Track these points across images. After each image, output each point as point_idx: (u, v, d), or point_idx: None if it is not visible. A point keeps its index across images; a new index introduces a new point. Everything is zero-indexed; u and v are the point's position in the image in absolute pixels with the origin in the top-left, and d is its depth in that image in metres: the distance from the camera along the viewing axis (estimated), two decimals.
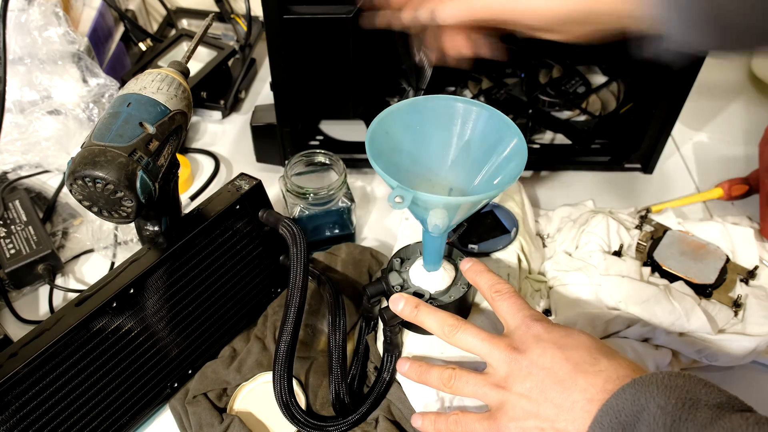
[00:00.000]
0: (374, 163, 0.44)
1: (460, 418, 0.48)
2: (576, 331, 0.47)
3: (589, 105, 0.88)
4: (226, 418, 0.57)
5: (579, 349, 0.45)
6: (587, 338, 0.46)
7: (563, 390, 0.43)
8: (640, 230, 0.69)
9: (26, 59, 0.80)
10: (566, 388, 0.43)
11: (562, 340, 0.46)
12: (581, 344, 0.45)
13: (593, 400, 0.41)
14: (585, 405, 0.42)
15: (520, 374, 0.45)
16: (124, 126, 0.47)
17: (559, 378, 0.43)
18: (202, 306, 0.59)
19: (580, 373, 0.43)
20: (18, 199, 0.73)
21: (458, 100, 0.49)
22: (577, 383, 0.43)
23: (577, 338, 0.46)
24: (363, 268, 0.67)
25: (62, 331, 0.49)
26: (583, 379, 0.43)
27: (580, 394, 0.42)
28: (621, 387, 0.41)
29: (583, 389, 0.42)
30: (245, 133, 0.88)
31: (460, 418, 0.48)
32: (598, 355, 0.44)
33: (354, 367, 0.60)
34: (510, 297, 0.50)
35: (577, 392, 0.42)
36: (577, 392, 0.42)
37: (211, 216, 0.58)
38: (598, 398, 0.41)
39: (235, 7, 1.02)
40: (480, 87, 0.90)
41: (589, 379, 0.43)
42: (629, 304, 0.60)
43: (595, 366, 0.43)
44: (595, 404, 0.41)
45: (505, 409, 0.45)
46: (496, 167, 0.48)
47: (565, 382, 0.43)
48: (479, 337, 0.48)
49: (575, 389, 0.43)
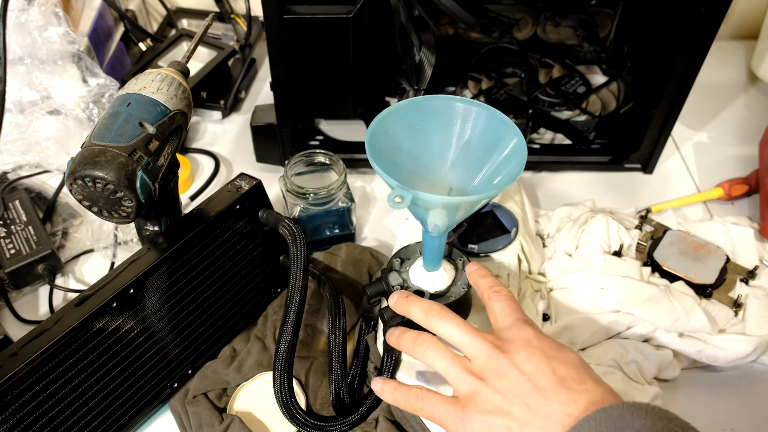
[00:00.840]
0: (374, 162, 0.44)
1: (422, 395, 0.46)
2: (567, 348, 0.45)
3: (589, 105, 0.88)
4: (226, 418, 0.57)
5: (567, 365, 0.43)
6: (577, 358, 0.44)
7: (543, 397, 0.42)
8: (640, 230, 0.69)
9: (26, 59, 0.80)
10: (546, 396, 0.42)
11: (551, 352, 0.44)
12: (570, 361, 0.44)
13: (572, 416, 0.40)
14: (563, 418, 0.40)
15: (499, 371, 0.43)
16: (124, 126, 0.47)
17: (539, 386, 0.42)
18: (202, 306, 0.59)
19: (564, 388, 0.42)
20: (18, 199, 0.73)
21: (458, 100, 0.49)
22: (559, 395, 0.41)
23: (567, 355, 0.44)
24: (363, 268, 0.67)
25: (62, 331, 0.49)
26: (566, 394, 0.41)
27: (560, 406, 0.41)
28: (609, 405, 0.39)
29: (564, 402, 0.41)
30: (245, 133, 0.88)
31: (422, 394, 0.46)
32: (586, 375, 0.43)
33: (354, 367, 0.60)
34: (507, 300, 0.49)
35: (558, 404, 0.41)
36: (558, 404, 0.41)
37: (211, 216, 0.58)
38: (578, 416, 0.40)
39: (235, 7, 1.02)
40: (480, 87, 0.90)
41: (572, 396, 0.41)
42: (629, 305, 0.60)
43: (581, 385, 0.42)
44: (574, 420, 0.40)
45: (476, 400, 0.43)
46: (495, 167, 0.48)
47: (546, 390, 0.42)
48: (462, 328, 0.46)
49: (556, 400, 0.41)
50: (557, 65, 0.92)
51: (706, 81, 0.77)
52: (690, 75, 0.71)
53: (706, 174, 0.83)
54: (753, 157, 0.78)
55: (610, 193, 0.81)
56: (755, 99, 0.95)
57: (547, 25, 0.91)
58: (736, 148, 0.87)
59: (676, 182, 0.82)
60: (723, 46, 0.86)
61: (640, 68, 0.84)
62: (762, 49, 0.94)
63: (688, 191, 0.81)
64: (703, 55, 0.69)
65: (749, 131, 0.88)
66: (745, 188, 0.78)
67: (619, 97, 0.88)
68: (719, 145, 0.88)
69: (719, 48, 0.74)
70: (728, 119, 0.92)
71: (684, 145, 0.88)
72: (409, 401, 0.47)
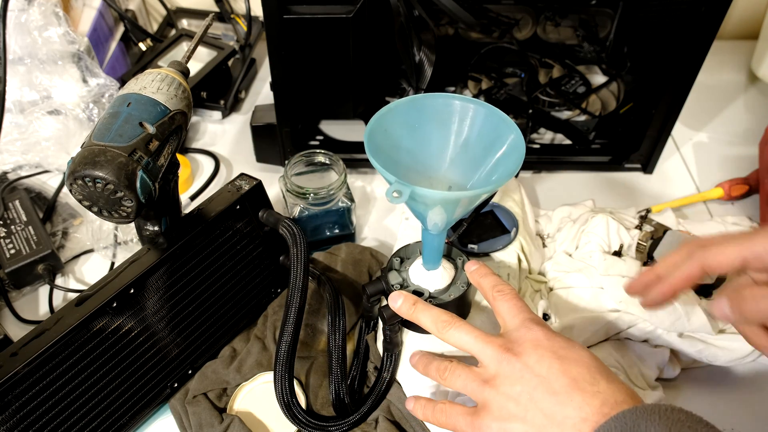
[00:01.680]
0: (373, 159, 0.44)
1: (446, 408, 0.47)
2: (578, 345, 0.46)
3: (589, 105, 0.88)
4: (226, 418, 0.57)
5: (579, 364, 0.43)
6: (588, 355, 0.45)
7: (557, 402, 0.42)
8: (640, 230, 0.69)
9: (26, 59, 0.80)
10: (560, 401, 0.42)
11: (562, 351, 0.44)
12: (581, 360, 0.44)
13: (587, 420, 0.40)
14: (578, 423, 0.40)
15: (512, 376, 0.44)
16: (124, 126, 0.47)
17: (553, 389, 0.42)
18: (202, 306, 0.59)
19: (577, 390, 0.42)
20: (18, 199, 0.73)
21: (456, 98, 0.49)
22: (573, 399, 0.42)
23: (579, 353, 0.45)
24: (363, 268, 0.67)
25: (62, 331, 0.49)
26: (579, 397, 0.41)
27: (574, 411, 0.41)
28: (621, 411, 0.40)
29: (578, 407, 0.41)
30: (245, 133, 0.88)
31: (446, 408, 0.47)
32: (598, 375, 0.43)
33: (354, 368, 0.60)
34: (512, 299, 0.49)
35: (572, 408, 0.41)
36: (572, 408, 0.41)
37: (211, 216, 0.58)
38: (593, 419, 0.40)
39: (235, 7, 1.02)
40: (480, 87, 0.90)
41: (585, 398, 0.41)
42: (630, 305, 0.60)
43: (594, 386, 0.42)
44: (589, 425, 0.40)
45: (490, 408, 0.44)
46: (494, 164, 0.48)
47: (559, 394, 0.42)
48: (472, 335, 0.47)
49: (570, 405, 0.41)
50: (557, 65, 0.92)
51: (706, 81, 0.78)
52: (690, 75, 0.71)
53: (706, 174, 0.83)
54: (753, 157, 0.78)
55: (610, 193, 0.81)
56: (755, 99, 0.95)
57: (547, 25, 0.91)
58: (736, 148, 0.87)
59: (676, 182, 0.82)
60: (723, 46, 0.86)
61: (640, 68, 0.84)
62: (762, 49, 0.94)
63: (688, 191, 0.81)
64: (703, 55, 0.68)
65: (749, 131, 0.88)
66: (745, 188, 0.78)
67: (619, 97, 0.88)
68: (719, 145, 0.88)
69: (719, 48, 0.74)
70: (728, 119, 0.92)
71: (684, 145, 0.88)
72: (436, 416, 0.48)
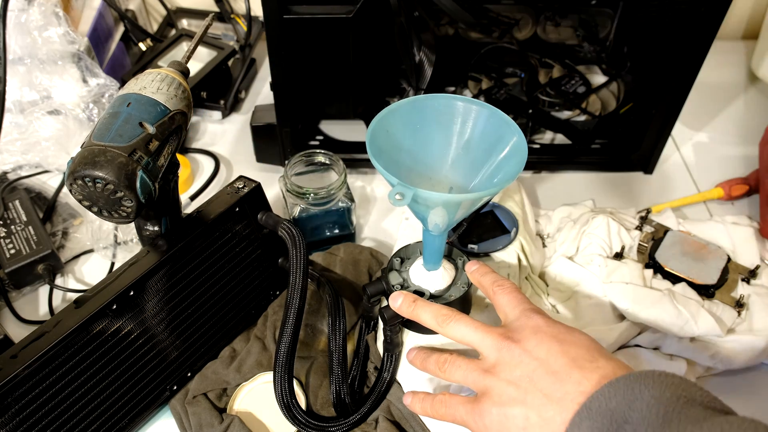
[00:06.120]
0: (375, 160, 0.44)
1: (445, 399, 0.48)
2: (578, 330, 0.46)
3: (589, 105, 0.88)
4: (226, 418, 0.57)
5: (578, 346, 0.44)
6: (587, 338, 0.45)
7: (556, 380, 0.42)
8: (641, 231, 0.69)
9: (26, 59, 0.80)
10: (559, 379, 0.42)
11: (561, 335, 0.45)
12: (581, 342, 0.45)
13: (585, 393, 0.41)
14: (576, 396, 0.41)
15: (511, 362, 0.44)
16: (124, 126, 0.47)
17: (552, 369, 0.43)
18: (201, 308, 0.59)
19: (576, 368, 0.42)
20: (18, 199, 0.73)
21: (458, 99, 0.49)
22: (571, 376, 0.42)
23: (578, 336, 0.45)
24: (363, 268, 0.67)
25: (62, 333, 0.49)
26: (578, 373, 0.42)
27: (573, 386, 0.42)
28: (615, 378, 0.40)
29: (577, 382, 0.42)
30: (245, 133, 0.88)
31: (445, 398, 0.48)
32: (597, 354, 0.44)
33: (354, 368, 0.60)
34: (512, 291, 0.50)
35: (570, 384, 0.42)
36: (570, 384, 0.42)
37: (211, 218, 0.57)
38: (591, 392, 0.41)
39: (235, 7, 1.02)
40: (480, 87, 0.90)
41: (585, 374, 0.42)
42: (635, 312, 0.60)
43: (592, 363, 0.43)
44: (586, 396, 0.41)
45: (490, 394, 0.44)
46: (496, 166, 0.48)
47: (559, 373, 0.43)
48: (472, 327, 0.47)
49: (569, 381, 0.42)
50: (557, 65, 0.91)
51: (706, 81, 0.77)
52: (690, 75, 0.70)
53: (706, 174, 0.83)
54: (753, 157, 0.78)
55: (610, 193, 0.81)
56: (755, 99, 0.95)
57: (547, 25, 0.91)
58: (736, 148, 0.87)
59: (676, 182, 0.82)
60: (723, 46, 0.85)
61: (640, 68, 0.84)
62: (762, 49, 0.94)
63: (688, 191, 0.81)
64: (703, 55, 0.68)
65: (749, 131, 0.88)
66: (745, 188, 0.78)
67: (619, 97, 0.88)
68: (719, 145, 0.88)
69: (719, 48, 0.74)
70: (728, 119, 0.92)
71: (684, 145, 0.87)
72: (436, 408, 0.48)
